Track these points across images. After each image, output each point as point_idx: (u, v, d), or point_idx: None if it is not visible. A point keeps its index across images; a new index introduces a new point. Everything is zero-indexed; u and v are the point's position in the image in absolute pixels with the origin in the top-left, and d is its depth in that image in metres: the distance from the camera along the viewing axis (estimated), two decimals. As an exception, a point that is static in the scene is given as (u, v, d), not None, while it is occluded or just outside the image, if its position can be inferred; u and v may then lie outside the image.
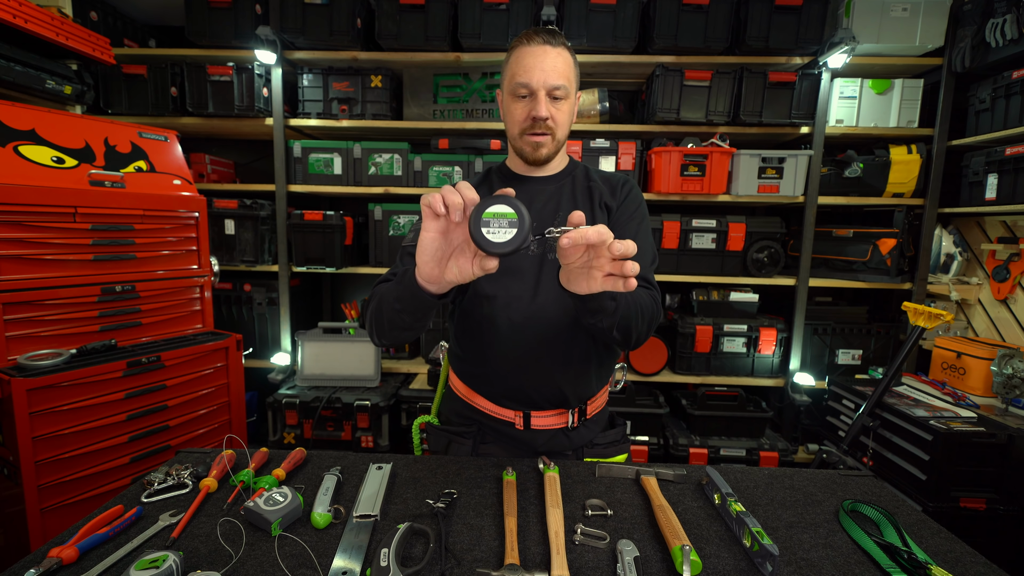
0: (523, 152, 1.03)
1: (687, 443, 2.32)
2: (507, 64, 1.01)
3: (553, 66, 0.95)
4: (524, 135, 1.00)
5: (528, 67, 0.96)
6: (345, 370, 2.53)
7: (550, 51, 0.96)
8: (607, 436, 1.12)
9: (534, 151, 1.01)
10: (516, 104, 0.99)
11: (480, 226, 0.65)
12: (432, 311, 0.84)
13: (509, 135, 1.05)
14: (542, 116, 0.96)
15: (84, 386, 1.53)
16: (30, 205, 1.48)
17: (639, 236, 1.02)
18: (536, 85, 0.96)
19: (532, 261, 1.01)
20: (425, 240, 0.70)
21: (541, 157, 1.02)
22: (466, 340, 1.07)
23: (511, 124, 1.02)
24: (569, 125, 1.03)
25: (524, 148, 1.02)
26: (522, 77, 0.96)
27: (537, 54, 0.95)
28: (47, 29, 1.75)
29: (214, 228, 2.50)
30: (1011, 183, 2.08)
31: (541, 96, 0.96)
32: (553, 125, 0.99)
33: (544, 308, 0.99)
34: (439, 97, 2.58)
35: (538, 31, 0.97)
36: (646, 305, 0.91)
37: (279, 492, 0.81)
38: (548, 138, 1.00)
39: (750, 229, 2.47)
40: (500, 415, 1.06)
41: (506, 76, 1.01)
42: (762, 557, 0.70)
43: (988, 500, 1.73)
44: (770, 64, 2.42)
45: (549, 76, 0.95)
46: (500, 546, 0.74)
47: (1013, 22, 2.00)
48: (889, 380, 1.89)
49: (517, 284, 1.00)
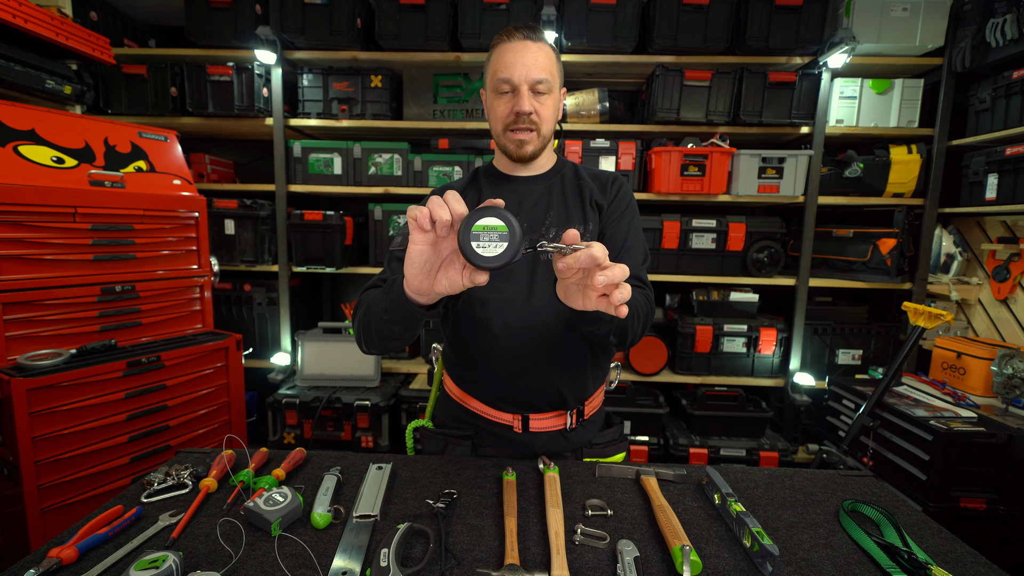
0: (507, 149, 1.02)
1: (687, 443, 2.32)
2: (488, 62, 1.01)
3: (535, 61, 0.94)
4: (508, 131, 0.99)
5: (509, 63, 0.95)
6: (345, 370, 2.53)
7: (531, 46, 0.95)
8: (605, 436, 1.12)
9: (518, 148, 1.00)
10: (499, 101, 0.98)
11: (470, 240, 0.63)
12: (422, 321, 0.83)
13: (493, 132, 1.04)
14: (525, 110, 0.95)
15: (84, 386, 1.52)
16: (30, 205, 1.48)
17: (630, 234, 1.02)
18: (518, 80, 0.95)
19: (525, 262, 1.00)
20: (413, 253, 0.68)
21: (526, 154, 1.01)
22: (460, 344, 1.06)
23: (495, 121, 1.01)
24: (554, 121, 1.02)
25: (508, 145, 1.01)
26: (504, 73, 0.95)
27: (518, 50, 0.95)
28: (47, 29, 1.75)
29: (214, 228, 2.50)
30: (1011, 183, 2.08)
31: (524, 91, 0.95)
32: (537, 120, 0.98)
33: (539, 310, 0.98)
34: (439, 97, 2.58)
35: (518, 27, 0.96)
36: (641, 307, 0.91)
37: (279, 492, 0.81)
38: (533, 134, 0.99)
39: (750, 229, 2.47)
40: (498, 419, 1.04)
41: (488, 74, 1.01)
42: (762, 557, 0.70)
43: (988, 500, 1.73)
44: (770, 64, 2.42)
45: (531, 70, 0.94)
46: (500, 546, 0.74)
47: (1013, 22, 2.00)
48: (889, 380, 1.89)
49: (511, 287, 0.99)
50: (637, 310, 0.88)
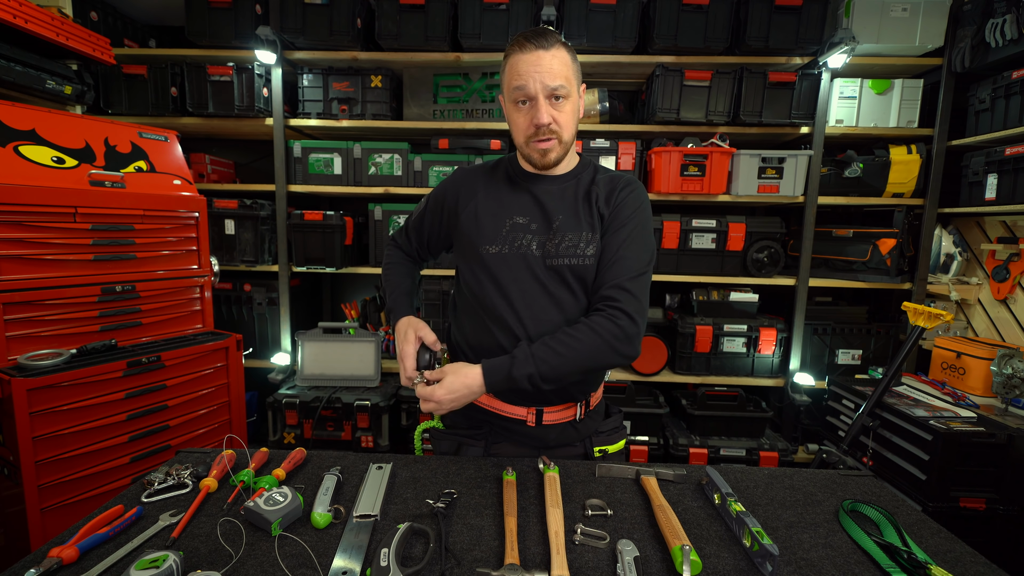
0: (531, 159, 1.03)
1: (687, 443, 2.32)
2: (504, 71, 1.01)
3: (549, 68, 0.94)
4: (530, 142, 1.00)
5: (524, 74, 0.95)
6: (345, 370, 2.53)
7: (544, 55, 0.94)
8: (607, 424, 1.16)
9: (542, 157, 1.01)
10: (518, 113, 0.99)
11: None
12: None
13: (516, 143, 1.05)
14: (544, 123, 0.96)
15: (84, 386, 1.53)
16: (30, 205, 1.48)
17: (624, 245, 1.01)
18: (534, 91, 0.95)
19: (532, 262, 1.01)
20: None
21: (550, 162, 1.02)
22: (476, 342, 1.08)
23: (516, 133, 1.02)
24: (575, 124, 1.02)
25: (532, 155, 1.02)
26: (520, 84, 0.96)
27: (531, 61, 0.94)
28: (47, 29, 1.75)
29: (214, 228, 2.50)
30: (1011, 183, 2.08)
31: (541, 101, 0.95)
32: (558, 128, 0.98)
33: (547, 310, 1.00)
34: (439, 97, 2.58)
35: (529, 36, 0.96)
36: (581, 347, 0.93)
37: (279, 492, 0.81)
38: (555, 142, 0.99)
39: (750, 229, 2.47)
40: (512, 414, 1.06)
41: (504, 83, 1.01)
42: (762, 557, 0.70)
43: (988, 500, 1.73)
44: (770, 64, 2.42)
45: (546, 79, 0.94)
46: (500, 546, 0.74)
47: (1013, 22, 2.00)
48: (889, 380, 1.89)
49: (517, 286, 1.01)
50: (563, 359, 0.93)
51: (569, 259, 1.01)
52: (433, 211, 1.16)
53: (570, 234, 1.02)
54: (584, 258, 1.01)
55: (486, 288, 1.03)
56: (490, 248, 1.03)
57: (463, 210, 1.08)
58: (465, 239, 1.07)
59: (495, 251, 1.02)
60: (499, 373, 0.93)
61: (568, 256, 1.01)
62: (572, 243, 1.01)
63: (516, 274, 1.01)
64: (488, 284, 1.03)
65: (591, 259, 1.01)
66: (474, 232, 1.05)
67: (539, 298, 1.01)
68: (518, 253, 1.02)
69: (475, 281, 1.05)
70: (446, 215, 1.13)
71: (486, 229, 1.04)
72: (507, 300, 1.01)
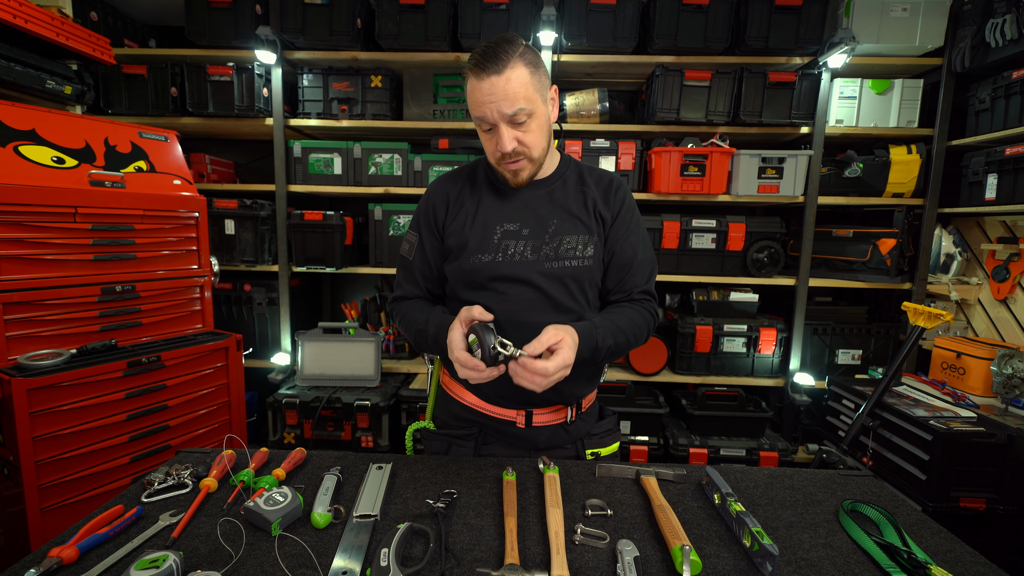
0: (505, 178, 1.02)
1: (687, 443, 2.32)
2: (465, 92, 0.99)
3: (504, 94, 0.90)
4: (500, 164, 1.00)
5: (480, 104, 0.92)
6: (345, 370, 2.53)
7: (497, 81, 0.90)
8: (601, 426, 1.15)
9: (514, 176, 1.00)
10: (484, 136, 0.99)
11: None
12: None
13: (489, 161, 1.04)
14: (507, 151, 0.95)
15: (84, 386, 1.52)
16: (30, 205, 1.48)
17: (639, 247, 1.05)
18: (493, 119, 0.93)
19: (527, 268, 1.01)
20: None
21: (523, 181, 1.01)
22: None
23: (487, 152, 1.02)
24: (546, 136, 1.00)
25: (505, 174, 1.01)
26: (479, 115, 0.94)
27: (485, 90, 0.91)
28: (47, 29, 1.75)
29: (214, 228, 2.50)
30: (1011, 183, 2.08)
31: (502, 129, 0.93)
32: (524, 148, 0.96)
33: (543, 313, 1.00)
34: (439, 97, 2.58)
35: (480, 61, 0.91)
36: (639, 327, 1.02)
37: (279, 492, 0.81)
38: (524, 162, 0.99)
39: (750, 229, 2.47)
40: (501, 415, 1.06)
41: (468, 104, 0.99)
42: (762, 557, 0.70)
43: (988, 500, 1.73)
44: (770, 64, 2.42)
45: (503, 106, 0.91)
46: (500, 546, 0.74)
47: (1013, 22, 2.00)
48: (889, 380, 1.89)
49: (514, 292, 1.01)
50: (635, 334, 1.00)
51: (569, 261, 1.01)
52: (429, 232, 1.10)
53: (568, 237, 1.02)
54: (584, 259, 1.01)
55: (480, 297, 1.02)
56: (482, 257, 1.02)
57: (451, 222, 1.06)
58: (456, 250, 1.05)
59: (487, 259, 1.01)
60: (588, 342, 0.91)
61: (568, 258, 1.01)
62: (571, 245, 1.01)
63: (510, 280, 1.01)
64: (481, 292, 1.02)
65: (591, 260, 1.02)
66: (464, 243, 1.03)
67: (534, 302, 1.01)
68: (511, 260, 1.01)
69: (467, 290, 1.04)
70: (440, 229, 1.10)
71: (477, 239, 1.02)
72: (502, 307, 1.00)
